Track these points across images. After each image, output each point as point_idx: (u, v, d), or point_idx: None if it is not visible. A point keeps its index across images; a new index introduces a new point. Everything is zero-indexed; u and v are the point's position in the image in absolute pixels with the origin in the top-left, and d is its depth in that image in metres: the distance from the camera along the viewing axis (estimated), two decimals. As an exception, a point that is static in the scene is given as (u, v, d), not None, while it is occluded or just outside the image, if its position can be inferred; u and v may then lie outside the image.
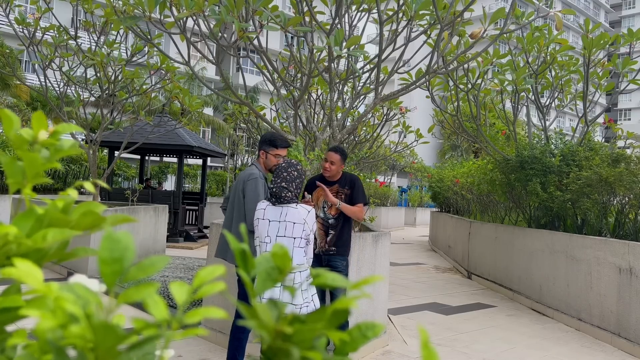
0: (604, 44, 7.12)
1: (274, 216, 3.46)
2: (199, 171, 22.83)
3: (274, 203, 3.49)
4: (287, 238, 3.41)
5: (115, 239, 0.53)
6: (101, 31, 8.52)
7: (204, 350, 4.80)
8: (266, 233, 3.44)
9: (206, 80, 27.44)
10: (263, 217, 3.49)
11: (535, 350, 5.36)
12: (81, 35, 8.57)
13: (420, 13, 5.17)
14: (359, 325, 0.53)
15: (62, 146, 0.65)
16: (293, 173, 3.54)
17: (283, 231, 3.42)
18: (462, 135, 9.31)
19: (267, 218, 3.47)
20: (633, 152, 6.65)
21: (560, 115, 11.26)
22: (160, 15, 4.74)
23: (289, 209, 3.45)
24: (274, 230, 3.43)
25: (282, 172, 3.53)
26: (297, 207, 3.48)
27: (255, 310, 0.49)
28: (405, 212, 27.54)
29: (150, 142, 11.07)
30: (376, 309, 5.18)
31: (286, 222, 3.43)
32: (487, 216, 11.26)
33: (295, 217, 3.43)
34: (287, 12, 6.32)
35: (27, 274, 0.49)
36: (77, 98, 8.45)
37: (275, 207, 3.48)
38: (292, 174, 3.53)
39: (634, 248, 5.56)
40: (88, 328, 0.45)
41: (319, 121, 8.53)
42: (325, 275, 0.56)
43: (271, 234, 3.43)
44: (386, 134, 9.21)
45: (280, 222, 3.44)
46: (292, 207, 3.46)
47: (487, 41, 5.69)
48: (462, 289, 8.81)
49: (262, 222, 3.48)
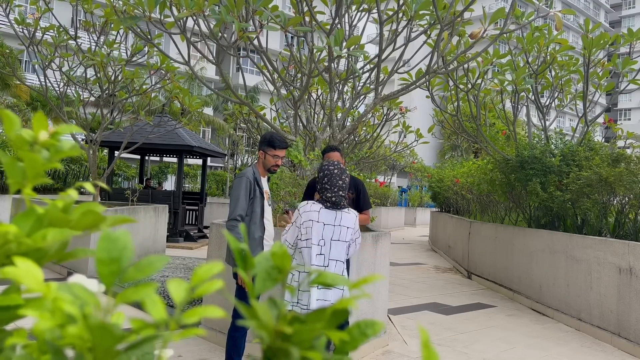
0: (604, 44, 7.12)
1: (329, 220, 3.50)
2: (199, 171, 22.84)
3: (327, 207, 3.53)
4: (341, 242, 3.49)
5: (113, 238, 0.53)
6: (101, 31, 8.52)
7: (203, 350, 4.80)
8: (321, 236, 3.47)
9: (206, 80, 27.44)
10: (318, 219, 3.51)
11: (535, 350, 5.36)
12: (81, 35, 8.57)
13: (420, 13, 5.17)
14: (358, 324, 0.53)
15: (62, 147, 0.65)
16: (346, 180, 3.59)
17: (337, 235, 3.49)
18: (462, 135, 9.31)
19: (322, 221, 3.50)
20: (633, 152, 6.65)
21: (560, 115, 11.26)
22: (160, 15, 4.74)
23: (342, 214, 3.52)
24: (329, 233, 3.48)
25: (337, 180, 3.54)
26: (349, 212, 3.56)
27: (255, 310, 0.49)
28: (405, 212, 27.53)
29: (150, 142, 11.07)
30: (376, 309, 5.18)
31: (341, 227, 3.50)
32: (487, 216, 11.26)
33: (348, 222, 3.52)
34: (287, 12, 6.32)
35: (27, 274, 0.49)
36: (77, 98, 8.45)
37: (330, 211, 3.52)
38: (346, 181, 3.57)
39: (634, 248, 5.56)
40: (86, 328, 0.45)
41: (319, 121, 8.53)
42: (325, 275, 0.56)
43: (325, 237, 3.47)
44: (386, 134, 9.21)
45: (335, 226, 3.49)
46: (345, 212, 3.54)
47: (487, 41, 5.69)
48: (462, 289, 8.81)
49: (317, 225, 3.49)
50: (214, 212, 15.52)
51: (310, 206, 3.54)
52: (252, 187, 3.83)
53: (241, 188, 3.80)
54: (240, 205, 3.75)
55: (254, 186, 3.84)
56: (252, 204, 3.82)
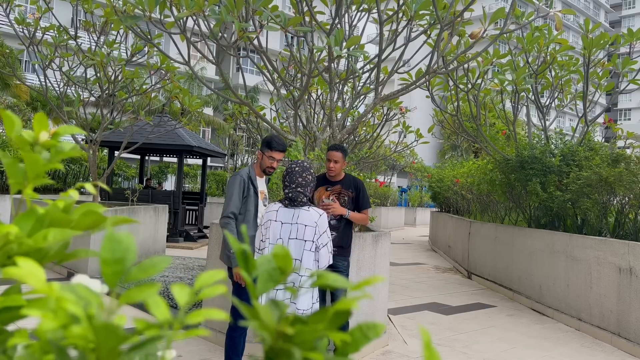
0: (604, 44, 7.12)
1: (286, 218, 3.44)
2: (199, 171, 22.83)
3: (286, 205, 3.48)
4: (298, 240, 3.39)
5: (117, 239, 0.53)
6: (101, 31, 8.52)
7: (204, 350, 4.80)
8: (278, 235, 3.42)
9: (206, 80, 27.45)
10: (275, 218, 3.45)
11: (535, 350, 5.36)
12: (81, 35, 8.57)
13: (420, 13, 5.17)
14: (360, 326, 0.53)
15: (62, 148, 0.65)
16: (308, 177, 3.52)
17: (295, 233, 3.40)
18: (462, 135, 9.31)
19: (280, 220, 3.44)
20: (633, 152, 6.65)
21: (560, 115, 11.26)
22: (160, 15, 4.74)
23: (301, 211, 3.44)
24: (286, 232, 3.41)
25: (296, 177, 3.49)
26: (309, 210, 3.46)
27: (257, 311, 0.49)
28: (405, 212, 27.54)
29: (150, 142, 11.07)
30: (376, 309, 5.18)
31: (298, 225, 3.41)
32: (487, 216, 11.26)
33: (306, 220, 3.41)
34: (287, 12, 6.32)
35: (30, 274, 0.49)
36: (77, 98, 8.45)
37: (288, 209, 3.46)
38: (307, 179, 3.51)
39: (634, 248, 5.57)
40: (90, 328, 0.45)
41: (319, 121, 8.53)
42: (327, 276, 0.56)
43: (283, 236, 3.41)
44: (386, 134, 9.21)
45: (292, 224, 3.42)
46: (305, 210, 3.45)
47: (487, 41, 5.69)
48: (462, 289, 8.81)
49: (275, 224, 3.44)
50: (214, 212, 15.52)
51: (271, 206, 3.54)
52: (246, 186, 3.88)
53: (234, 187, 3.86)
54: (233, 203, 3.81)
55: (248, 185, 3.89)
56: (246, 202, 3.87)
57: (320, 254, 3.42)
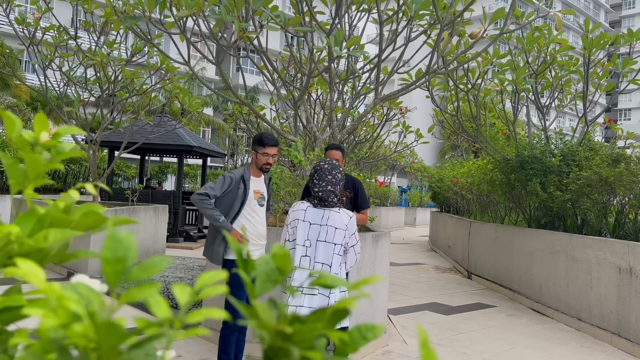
0: (604, 44, 7.12)
1: (315, 219, 3.28)
2: (199, 171, 22.84)
3: (315, 205, 3.32)
4: (327, 243, 3.24)
5: (118, 239, 0.54)
6: (101, 31, 8.53)
7: (203, 350, 4.80)
8: (306, 236, 3.26)
9: (206, 80, 27.45)
10: (304, 218, 3.29)
11: (535, 350, 5.36)
12: (81, 35, 8.57)
13: (420, 13, 5.17)
14: (358, 327, 0.53)
15: (63, 148, 0.65)
16: (337, 175, 3.34)
17: (324, 235, 3.25)
18: (462, 135, 9.32)
19: (308, 220, 3.28)
20: (633, 152, 6.66)
21: (560, 115, 11.26)
22: (160, 15, 4.75)
23: (331, 213, 3.28)
24: (314, 233, 3.26)
25: (326, 175, 3.31)
26: (339, 212, 3.30)
27: (256, 310, 0.50)
28: (405, 212, 27.54)
29: (150, 142, 11.08)
30: (376, 309, 5.18)
31: (328, 227, 3.25)
32: (487, 216, 11.26)
33: (337, 222, 3.26)
34: (287, 12, 6.32)
35: (30, 273, 0.49)
36: (77, 98, 8.45)
37: (317, 210, 3.30)
38: (336, 177, 3.33)
39: (634, 248, 5.57)
40: (91, 327, 0.45)
41: (319, 121, 8.53)
42: (326, 275, 0.56)
43: (311, 237, 3.26)
44: (386, 134, 9.22)
45: (322, 225, 3.26)
46: (335, 211, 3.29)
47: (487, 41, 5.69)
48: (462, 289, 8.82)
49: (302, 224, 3.28)
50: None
51: (299, 205, 3.39)
52: (235, 184, 3.85)
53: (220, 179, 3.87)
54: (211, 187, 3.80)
55: (239, 184, 3.86)
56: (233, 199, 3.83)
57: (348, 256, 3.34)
